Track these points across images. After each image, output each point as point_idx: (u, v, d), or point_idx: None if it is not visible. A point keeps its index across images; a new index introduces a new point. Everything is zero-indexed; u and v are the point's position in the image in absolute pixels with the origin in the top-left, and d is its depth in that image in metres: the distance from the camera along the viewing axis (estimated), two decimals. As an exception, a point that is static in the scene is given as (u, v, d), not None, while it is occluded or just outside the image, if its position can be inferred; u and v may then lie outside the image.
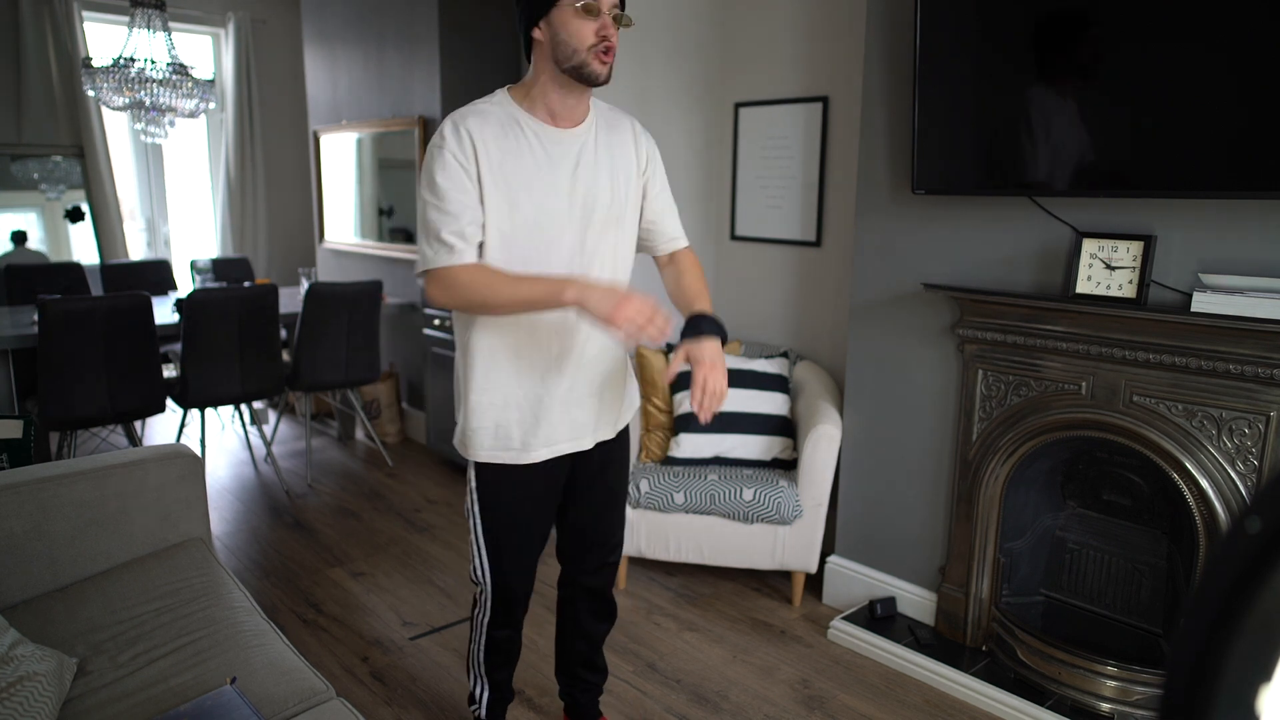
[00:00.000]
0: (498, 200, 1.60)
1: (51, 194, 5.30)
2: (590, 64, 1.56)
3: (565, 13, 1.53)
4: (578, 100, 1.65)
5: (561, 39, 1.55)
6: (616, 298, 1.50)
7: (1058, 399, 2.30)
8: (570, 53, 1.56)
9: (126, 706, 1.48)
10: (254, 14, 5.82)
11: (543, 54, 1.60)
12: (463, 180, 1.58)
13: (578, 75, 1.58)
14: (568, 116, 1.66)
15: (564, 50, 1.56)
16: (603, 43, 1.55)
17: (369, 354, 4.18)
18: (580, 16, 1.53)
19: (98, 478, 1.96)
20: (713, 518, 2.86)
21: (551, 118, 1.65)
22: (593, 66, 1.57)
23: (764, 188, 3.47)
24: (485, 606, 1.90)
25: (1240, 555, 0.35)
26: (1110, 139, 2.12)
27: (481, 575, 1.86)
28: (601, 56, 1.56)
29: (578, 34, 1.54)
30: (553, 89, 1.62)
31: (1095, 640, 2.36)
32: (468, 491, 1.84)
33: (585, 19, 1.53)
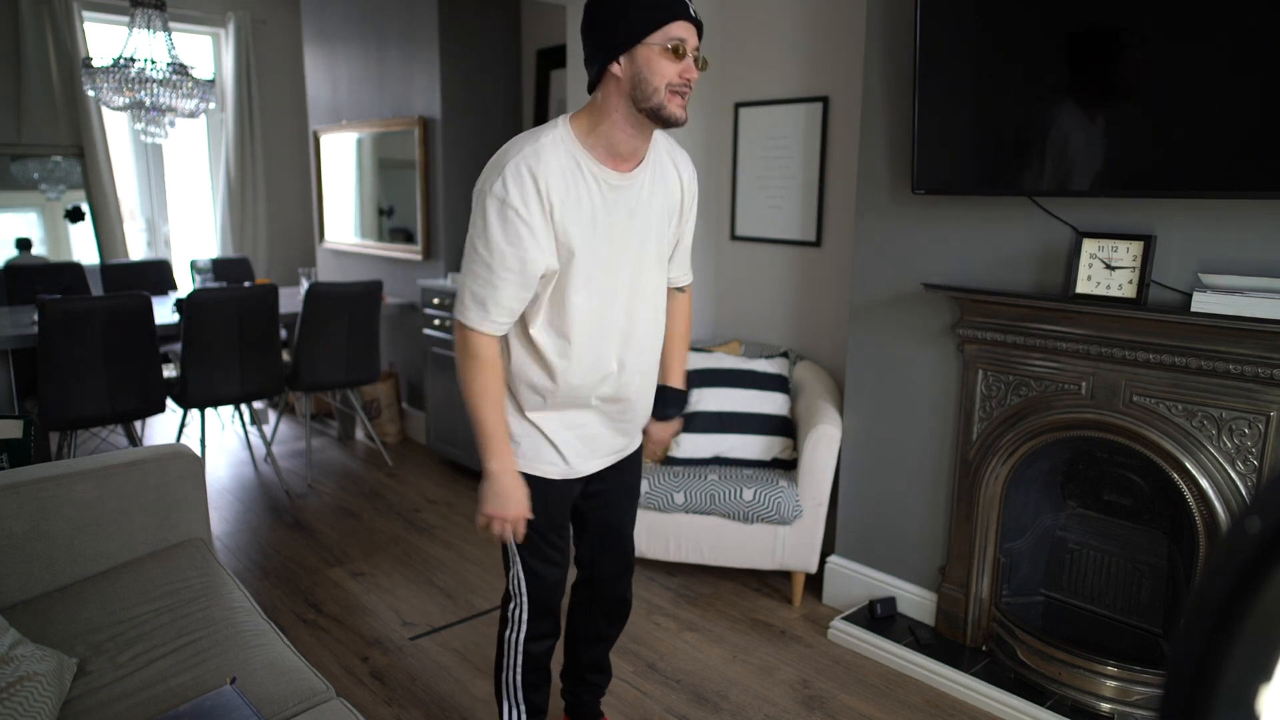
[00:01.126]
0: (553, 247, 1.55)
1: (51, 194, 5.30)
2: (668, 105, 1.50)
3: (651, 51, 1.46)
4: (643, 140, 1.59)
5: (643, 77, 1.48)
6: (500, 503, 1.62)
7: (1058, 399, 2.30)
8: (650, 92, 1.48)
9: (126, 707, 1.48)
10: (254, 14, 5.82)
11: (618, 90, 1.52)
12: (522, 241, 1.51)
13: (654, 116, 1.51)
14: (629, 157, 1.60)
15: (644, 89, 1.49)
16: (684, 85, 1.49)
17: (369, 354, 4.18)
18: (666, 56, 1.47)
19: (98, 478, 1.96)
20: (713, 518, 2.86)
21: (611, 159, 1.58)
22: (671, 108, 1.50)
23: (764, 188, 3.47)
24: (521, 621, 1.83)
25: (1240, 555, 0.35)
26: (1110, 139, 2.12)
27: (518, 584, 1.81)
28: (679, 99, 1.50)
29: (660, 73, 1.47)
30: (623, 127, 1.54)
31: (1095, 640, 2.36)
32: None
33: (671, 59, 1.47)
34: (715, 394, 3.02)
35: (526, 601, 1.82)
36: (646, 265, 1.68)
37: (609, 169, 1.57)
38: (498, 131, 4.48)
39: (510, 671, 1.88)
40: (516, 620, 1.84)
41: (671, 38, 1.46)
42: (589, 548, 1.96)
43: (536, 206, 1.51)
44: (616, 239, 1.60)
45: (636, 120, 1.53)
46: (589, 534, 1.94)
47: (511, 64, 4.53)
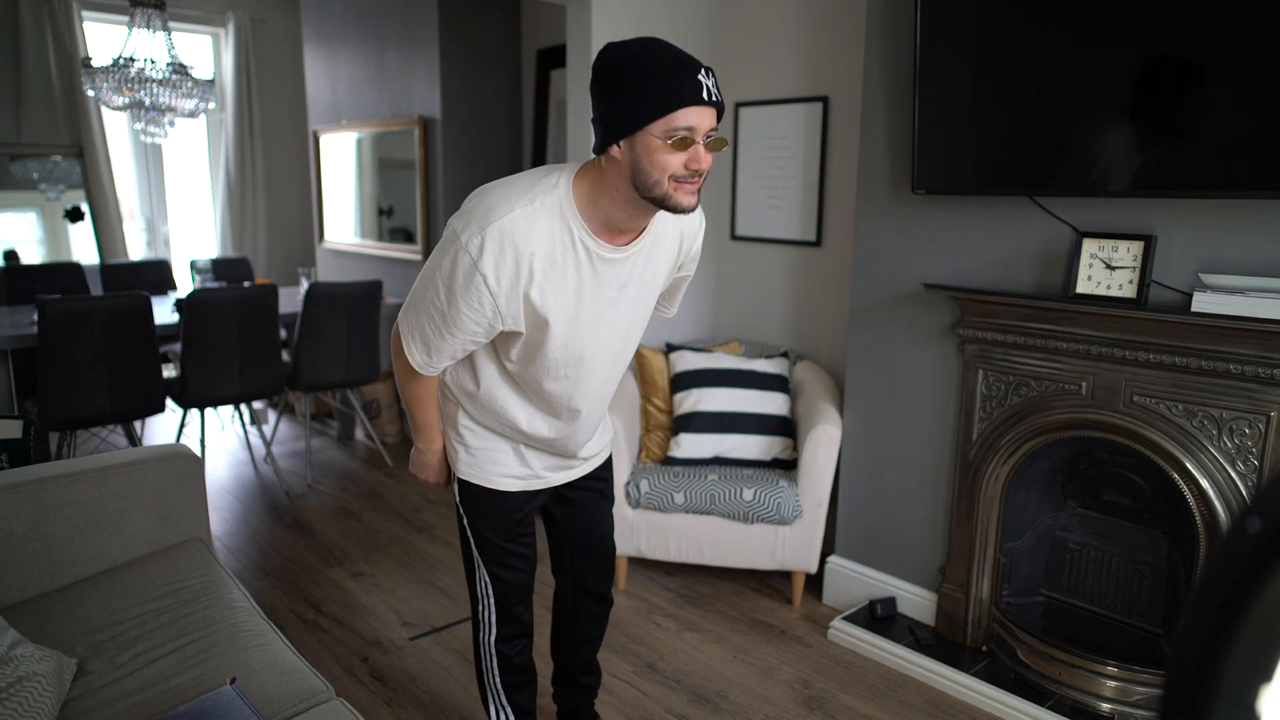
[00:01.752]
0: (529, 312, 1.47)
1: (51, 194, 5.30)
2: (673, 195, 1.35)
3: (651, 143, 1.31)
4: (645, 218, 1.46)
5: (643, 168, 1.34)
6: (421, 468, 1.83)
7: (1058, 399, 2.30)
8: (652, 184, 1.35)
9: (126, 707, 1.48)
10: (254, 14, 5.81)
11: (619, 171, 1.37)
12: (482, 309, 1.43)
13: (659, 205, 1.38)
14: (629, 232, 1.48)
15: (644, 180, 1.35)
16: (692, 175, 1.34)
17: (369, 354, 4.19)
18: (670, 150, 1.31)
19: (97, 478, 1.96)
20: (713, 518, 2.86)
21: (609, 233, 1.46)
22: (676, 199, 1.36)
23: (764, 188, 3.46)
24: (490, 623, 1.83)
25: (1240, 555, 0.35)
26: (1111, 138, 2.12)
27: (484, 588, 1.81)
28: (686, 190, 1.36)
29: (661, 166, 1.33)
30: (624, 207, 1.41)
31: (1095, 640, 2.36)
32: (455, 506, 1.81)
33: (676, 151, 1.32)
34: (715, 394, 3.02)
35: (493, 605, 1.81)
36: (631, 332, 1.63)
37: (604, 242, 1.46)
38: (498, 131, 4.48)
39: (490, 675, 1.88)
40: (486, 623, 1.83)
41: (676, 128, 1.30)
42: (569, 556, 1.94)
43: (509, 280, 1.41)
44: (603, 312, 1.52)
45: (639, 203, 1.40)
46: (569, 544, 1.93)
47: (511, 64, 4.53)
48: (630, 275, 1.52)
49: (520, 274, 1.41)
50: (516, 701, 1.91)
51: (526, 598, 1.86)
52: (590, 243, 1.44)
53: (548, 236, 1.41)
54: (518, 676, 1.90)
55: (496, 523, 1.75)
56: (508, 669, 1.87)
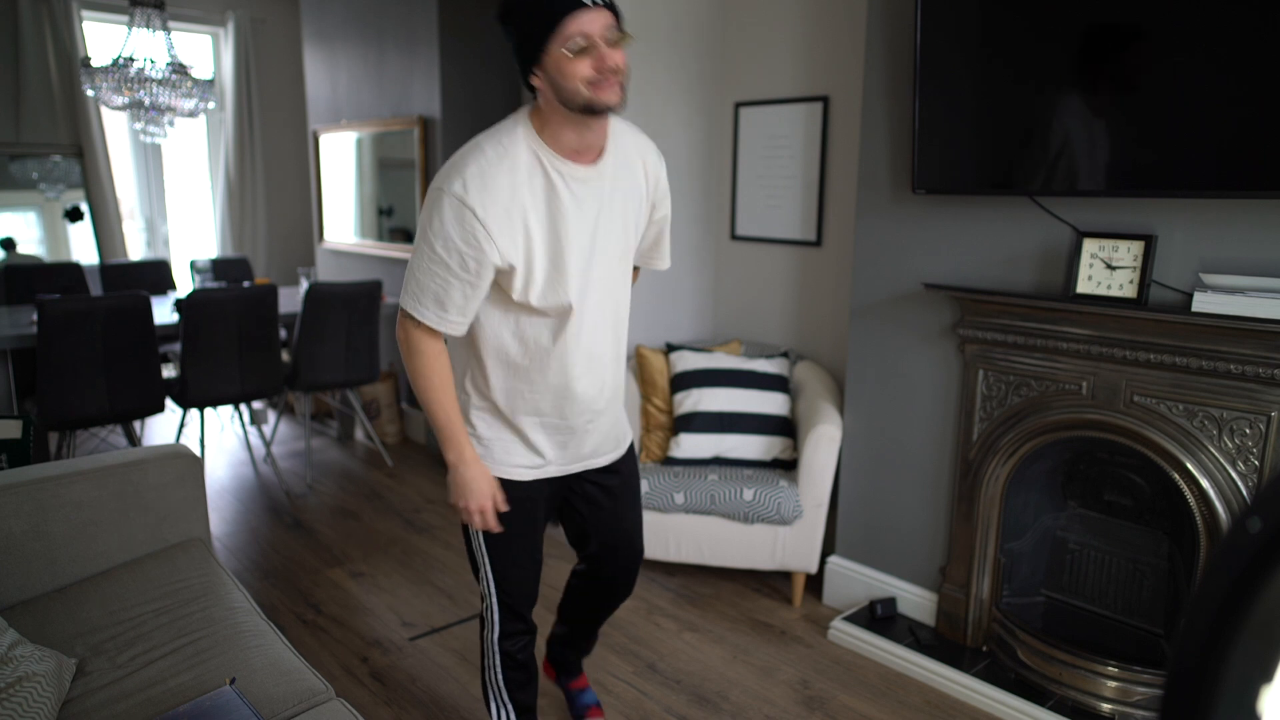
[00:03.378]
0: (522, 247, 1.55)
1: (50, 194, 5.30)
2: (598, 96, 1.47)
3: (556, 60, 1.45)
4: (596, 133, 1.58)
5: (560, 84, 1.47)
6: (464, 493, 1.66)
7: (1058, 399, 2.30)
8: (573, 94, 1.47)
9: (126, 707, 1.48)
10: (253, 13, 5.81)
11: (548, 98, 1.52)
12: (478, 243, 1.51)
13: (589, 111, 1.49)
14: (589, 150, 1.59)
15: (566, 94, 1.48)
16: (604, 75, 1.46)
17: (368, 354, 4.18)
18: (574, 59, 1.44)
19: (97, 478, 1.96)
20: (713, 518, 2.86)
21: (572, 155, 1.58)
22: (600, 99, 1.47)
23: (764, 188, 3.46)
24: (494, 621, 1.84)
25: (1241, 555, 0.35)
26: (1111, 139, 2.12)
27: (488, 586, 1.82)
28: (605, 86, 1.47)
29: (574, 75, 1.45)
30: (567, 129, 1.54)
31: (1096, 641, 2.36)
32: None
33: (579, 59, 1.44)
34: (715, 394, 3.02)
35: (496, 603, 1.82)
36: (611, 257, 1.67)
37: (572, 163, 1.57)
38: (497, 131, 4.47)
39: (492, 671, 1.88)
40: (490, 620, 1.84)
41: (571, 40, 1.43)
42: (597, 553, 1.96)
43: (495, 212, 1.50)
44: (584, 232, 1.60)
45: (576, 119, 1.51)
46: (596, 543, 1.94)
47: (511, 64, 4.52)
48: (602, 197, 1.61)
49: (503, 204, 1.50)
50: (518, 700, 1.92)
51: (532, 598, 1.87)
52: (559, 164, 1.55)
53: (523, 168, 1.53)
54: (520, 674, 1.90)
55: (505, 519, 1.74)
56: (510, 666, 1.88)
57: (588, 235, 1.60)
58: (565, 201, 1.56)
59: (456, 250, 1.51)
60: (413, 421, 4.81)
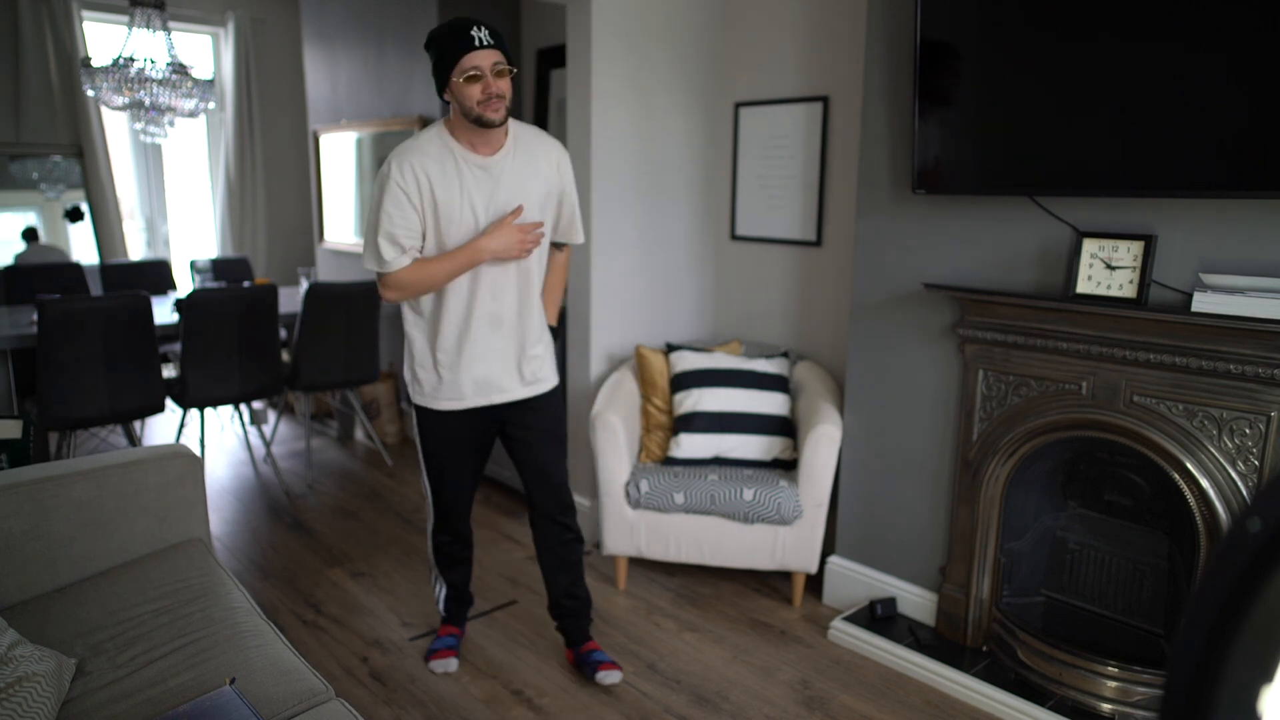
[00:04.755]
0: (433, 216, 2.12)
1: (51, 194, 5.30)
2: (484, 114, 2.03)
3: (456, 84, 2.02)
4: (491, 136, 2.12)
5: (460, 101, 2.04)
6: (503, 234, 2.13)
7: (1058, 399, 2.30)
8: (469, 109, 2.03)
9: (126, 707, 1.48)
10: (253, 13, 5.81)
11: (455, 110, 2.09)
12: (405, 206, 2.10)
13: (479, 124, 2.06)
14: (487, 145, 2.14)
15: (465, 108, 2.04)
16: (489, 98, 2.01)
17: (369, 354, 4.18)
18: (468, 84, 2.01)
19: (97, 478, 1.96)
20: (713, 518, 2.86)
21: (473, 148, 2.13)
22: (486, 115, 2.03)
23: (764, 188, 3.46)
24: (430, 516, 2.48)
25: (1241, 555, 0.35)
26: (1111, 139, 2.12)
27: (426, 492, 2.44)
28: (490, 108, 2.02)
29: (468, 97, 2.02)
30: (468, 131, 2.10)
31: (1096, 640, 2.36)
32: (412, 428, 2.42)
33: (472, 85, 2.01)
34: (715, 394, 3.01)
35: (431, 505, 2.46)
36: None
37: (473, 154, 2.13)
38: (497, 131, 4.47)
39: (430, 553, 2.56)
40: (430, 515, 2.49)
41: (465, 71, 1.99)
42: (526, 483, 2.43)
43: (414, 185, 2.09)
44: (483, 203, 2.14)
45: (473, 127, 2.08)
46: (524, 475, 2.42)
47: (511, 64, 4.52)
48: (502, 174, 2.15)
49: (419, 179, 2.09)
50: (448, 576, 2.56)
51: (457, 509, 2.44)
52: (461, 152, 2.12)
53: (434, 155, 2.11)
54: (446, 559, 2.54)
55: (437, 442, 2.35)
56: (439, 552, 2.53)
57: (483, 202, 2.14)
58: (466, 178, 2.12)
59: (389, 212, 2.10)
60: (413, 421, 4.81)
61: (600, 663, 2.43)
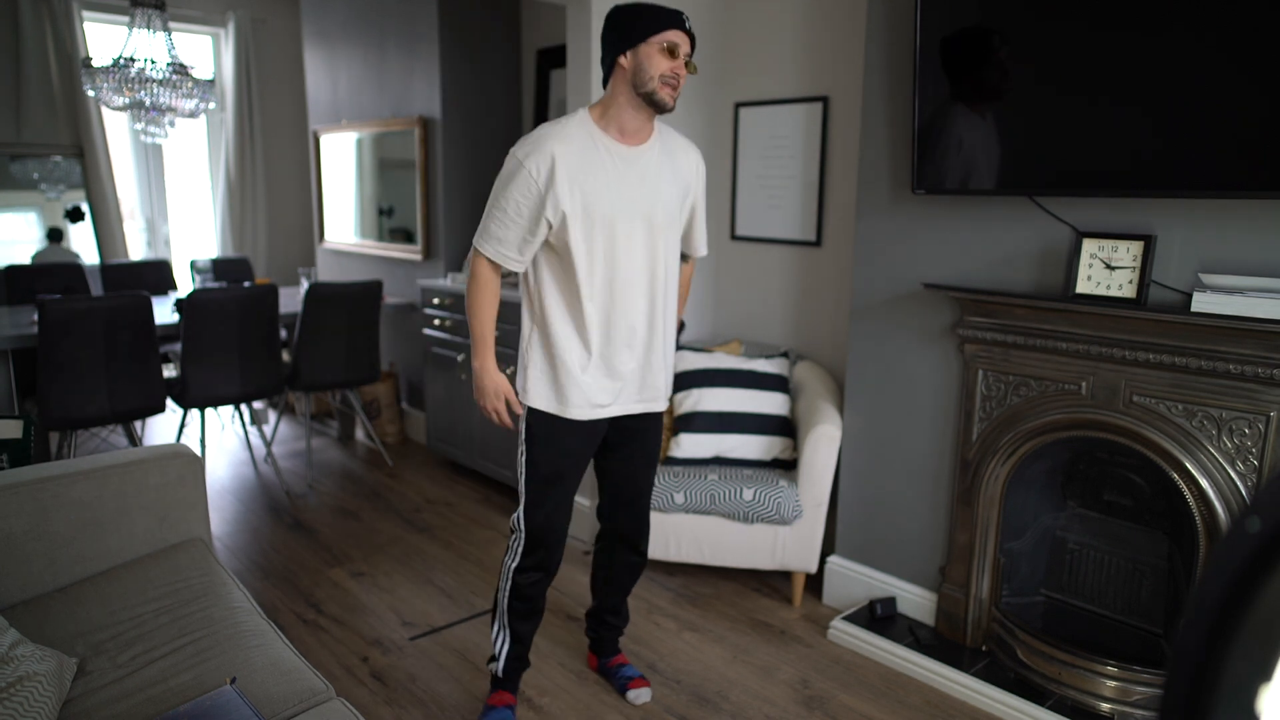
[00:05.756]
0: (576, 207, 1.93)
1: (51, 194, 5.29)
2: (660, 92, 1.91)
3: (651, 48, 1.89)
4: (645, 121, 1.98)
5: (642, 68, 1.89)
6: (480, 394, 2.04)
7: (1058, 399, 2.30)
8: (646, 79, 1.90)
9: (126, 707, 1.48)
10: (254, 14, 5.81)
11: (623, 78, 1.93)
12: (529, 195, 1.92)
13: (649, 100, 1.92)
14: (636, 135, 1.99)
15: (642, 77, 1.90)
16: (673, 77, 1.90)
17: (369, 354, 4.18)
18: (661, 54, 1.89)
19: (97, 478, 1.96)
20: (713, 518, 2.86)
21: (622, 135, 1.98)
22: (661, 95, 1.91)
23: (764, 188, 3.47)
24: (516, 551, 2.14)
25: (1240, 555, 0.35)
26: (1111, 139, 2.12)
27: (519, 521, 2.13)
28: (669, 89, 1.91)
29: (655, 65, 1.89)
30: (627, 109, 1.95)
31: (1095, 640, 2.36)
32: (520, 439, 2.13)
33: (664, 57, 1.89)
34: (715, 394, 3.02)
35: (524, 535, 2.12)
36: (656, 226, 2.02)
37: (620, 144, 1.98)
38: (498, 131, 4.48)
39: (502, 593, 2.18)
40: (514, 550, 2.15)
41: (668, 40, 1.89)
42: (609, 502, 2.26)
43: (546, 173, 1.91)
44: (630, 197, 1.97)
45: (636, 103, 1.94)
46: (609, 490, 2.25)
47: (511, 64, 4.53)
48: (647, 170, 2.00)
49: (554, 168, 1.91)
50: (516, 628, 2.19)
51: (554, 539, 2.14)
52: (606, 141, 1.97)
53: (575, 141, 1.95)
54: (524, 606, 2.17)
55: (556, 453, 2.08)
56: (516, 596, 2.16)
57: (633, 197, 1.98)
58: (610, 171, 1.96)
59: (511, 197, 1.93)
60: (413, 421, 4.81)
61: (630, 679, 2.38)
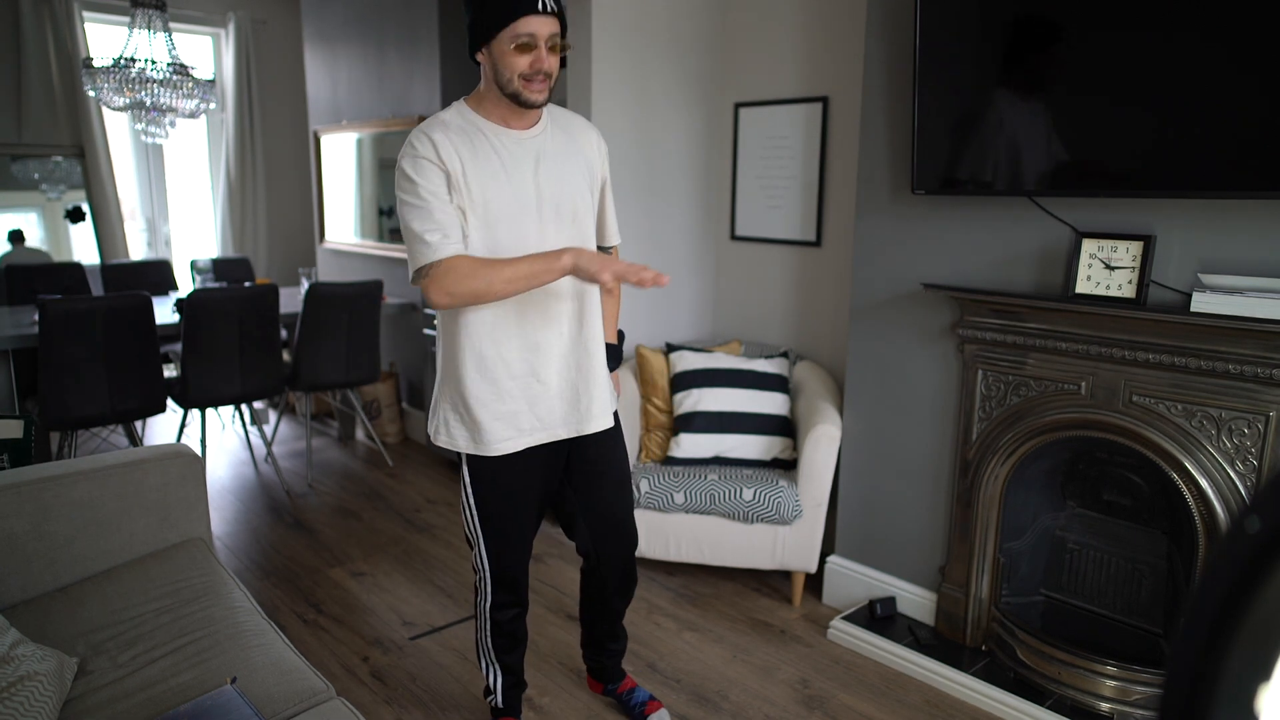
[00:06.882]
0: (467, 201, 1.72)
1: (52, 194, 5.30)
2: (523, 92, 1.70)
3: (502, 46, 1.66)
4: (525, 111, 1.78)
5: (499, 69, 1.69)
6: (604, 259, 1.68)
7: (1057, 399, 2.30)
8: (505, 80, 1.69)
9: (127, 706, 1.48)
10: (254, 14, 5.82)
11: (486, 75, 1.74)
12: (437, 182, 1.69)
13: (514, 100, 1.72)
14: (519, 122, 1.79)
15: (501, 77, 1.70)
16: (536, 74, 1.68)
17: (369, 354, 4.18)
18: (516, 51, 1.66)
19: (98, 478, 1.96)
20: (713, 518, 2.86)
21: (504, 122, 1.77)
22: (526, 94, 1.70)
23: (764, 188, 3.47)
24: (486, 591, 2.02)
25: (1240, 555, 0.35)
26: (1110, 139, 2.12)
27: (481, 563, 1.99)
28: (534, 85, 1.69)
29: (512, 65, 1.67)
30: (500, 103, 1.76)
31: (1095, 640, 2.36)
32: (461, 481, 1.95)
33: (520, 53, 1.66)
34: (715, 394, 3.02)
35: (489, 576, 2.00)
36: (556, 217, 1.81)
37: (507, 129, 1.77)
38: (498, 131, 4.47)
39: (482, 634, 2.09)
40: (483, 590, 2.03)
41: (519, 35, 1.64)
42: (587, 540, 2.07)
43: (437, 158, 1.69)
44: (531, 187, 1.77)
45: (505, 100, 1.74)
46: (584, 527, 2.05)
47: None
48: (542, 152, 1.79)
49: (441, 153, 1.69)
50: (504, 661, 2.12)
51: (520, 571, 2.03)
52: (489, 128, 1.76)
53: (456, 129, 1.73)
54: (506, 640, 2.09)
55: (497, 494, 1.91)
56: (498, 633, 2.08)
57: (529, 184, 1.77)
58: (503, 156, 1.75)
59: (423, 188, 1.69)
60: (413, 421, 4.81)
61: (645, 703, 2.26)
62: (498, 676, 2.12)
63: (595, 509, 2.03)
